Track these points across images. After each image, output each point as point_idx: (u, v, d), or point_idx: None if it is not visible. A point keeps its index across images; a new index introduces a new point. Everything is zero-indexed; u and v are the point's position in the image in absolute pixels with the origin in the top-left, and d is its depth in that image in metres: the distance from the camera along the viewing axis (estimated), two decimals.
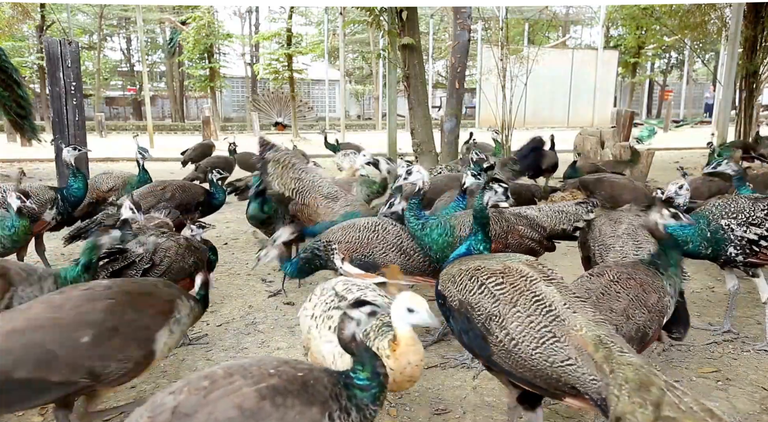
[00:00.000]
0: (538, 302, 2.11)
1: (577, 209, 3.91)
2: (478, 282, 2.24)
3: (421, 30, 10.44)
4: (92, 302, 2.30)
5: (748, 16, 12.49)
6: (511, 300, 2.13)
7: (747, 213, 3.68)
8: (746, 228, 3.62)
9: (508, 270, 2.24)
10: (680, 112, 29.73)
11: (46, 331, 2.16)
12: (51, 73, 7.93)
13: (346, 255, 3.50)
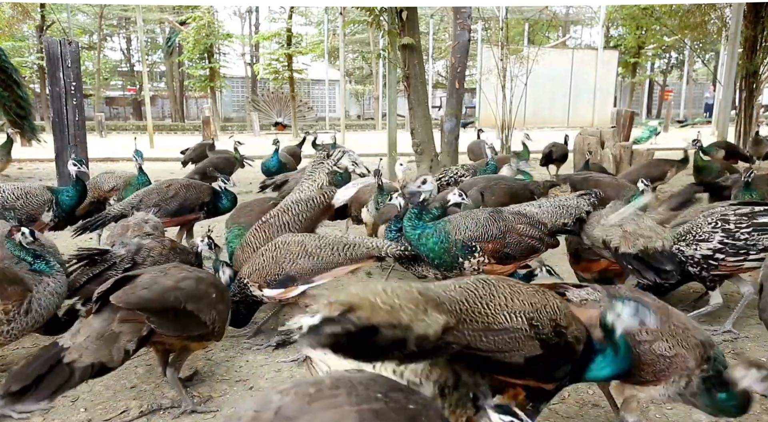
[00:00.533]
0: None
1: (579, 202, 3.91)
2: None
3: (421, 30, 10.44)
4: (203, 272, 3.10)
5: (748, 16, 12.49)
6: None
7: (694, 232, 3.68)
8: (696, 247, 3.64)
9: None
10: (680, 112, 29.73)
11: (197, 282, 2.85)
12: (51, 73, 7.93)
13: (259, 282, 3.52)
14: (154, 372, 3.39)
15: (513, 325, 1.98)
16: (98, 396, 3.12)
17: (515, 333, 1.98)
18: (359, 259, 3.53)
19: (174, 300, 2.67)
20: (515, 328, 1.98)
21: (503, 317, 1.98)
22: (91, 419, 2.92)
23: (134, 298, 2.57)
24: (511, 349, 1.97)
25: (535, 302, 2.07)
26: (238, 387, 3.29)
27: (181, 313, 2.69)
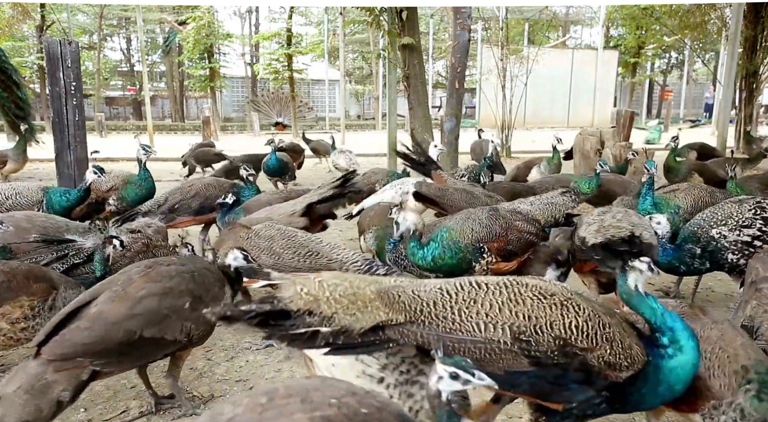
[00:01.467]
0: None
1: (564, 199, 4.08)
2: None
3: (421, 30, 10.44)
4: (181, 275, 2.68)
5: (748, 16, 12.49)
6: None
7: (735, 216, 3.71)
8: (739, 232, 3.66)
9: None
10: (680, 112, 29.72)
11: (160, 298, 2.55)
12: (51, 73, 7.92)
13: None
14: (153, 373, 3.39)
15: (487, 336, 1.89)
16: (98, 396, 3.12)
17: (488, 344, 1.89)
18: (318, 269, 3.41)
19: (124, 334, 2.42)
20: (489, 339, 1.89)
21: (474, 326, 1.90)
22: (91, 419, 2.92)
23: (69, 347, 2.33)
24: (481, 359, 1.88)
25: (540, 316, 1.92)
26: (238, 387, 3.29)
27: (136, 344, 2.46)
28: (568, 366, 1.91)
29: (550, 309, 1.94)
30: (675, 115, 28.90)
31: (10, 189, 4.72)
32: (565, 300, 1.98)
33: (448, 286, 2.00)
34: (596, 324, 1.95)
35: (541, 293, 1.99)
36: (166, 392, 3.15)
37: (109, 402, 3.06)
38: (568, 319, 1.93)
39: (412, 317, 1.90)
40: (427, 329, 1.90)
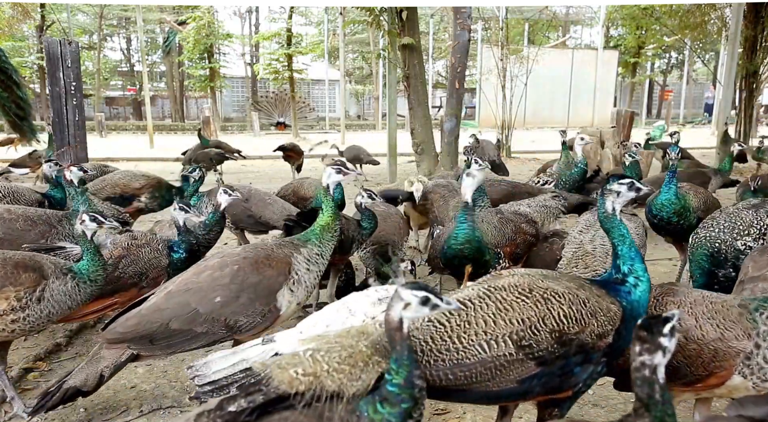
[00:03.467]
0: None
1: (555, 203, 4.34)
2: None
3: (421, 30, 10.44)
4: (221, 269, 2.76)
5: (748, 16, 12.48)
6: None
7: (756, 225, 3.58)
8: (762, 241, 3.53)
9: None
10: (680, 112, 29.73)
11: (190, 293, 2.69)
12: (51, 73, 7.94)
13: None
14: (154, 372, 3.39)
15: (493, 354, 1.86)
16: (98, 396, 3.12)
17: (496, 360, 1.85)
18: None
19: (152, 326, 2.63)
20: (495, 357, 1.86)
21: (478, 348, 1.87)
22: (91, 419, 2.92)
23: (113, 334, 2.67)
24: (494, 377, 1.87)
25: (531, 316, 1.91)
26: None
27: (165, 333, 2.65)
28: (568, 354, 1.92)
29: (536, 306, 1.93)
30: (675, 114, 28.90)
31: (5, 189, 4.70)
32: (544, 291, 1.97)
33: (438, 317, 1.92)
34: (579, 304, 1.96)
35: (521, 293, 1.97)
36: (166, 392, 3.15)
37: (109, 402, 3.06)
38: (555, 310, 1.93)
39: (419, 359, 1.82)
40: (434, 368, 1.85)
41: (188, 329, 2.65)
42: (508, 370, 1.87)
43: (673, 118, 27.36)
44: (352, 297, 2.34)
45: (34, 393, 3.13)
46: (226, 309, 2.69)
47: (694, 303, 2.22)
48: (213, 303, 2.67)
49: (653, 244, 6.29)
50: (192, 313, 2.66)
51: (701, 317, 2.16)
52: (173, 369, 3.42)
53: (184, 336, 2.67)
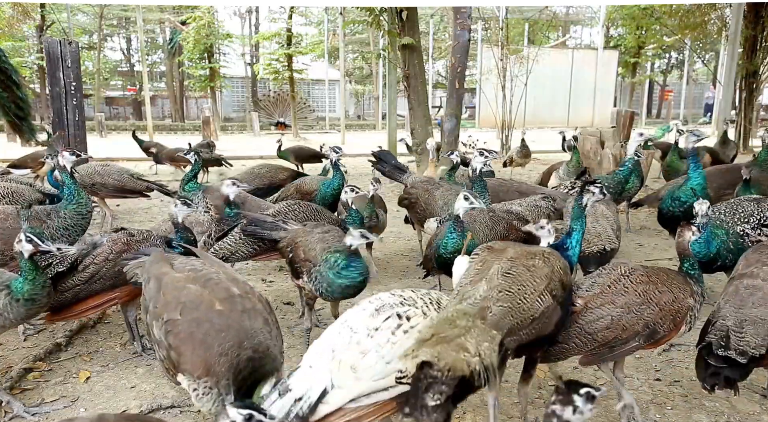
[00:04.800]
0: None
1: (545, 203, 4.53)
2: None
3: (421, 30, 10.44)
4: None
5: (748, 16, 12.49)
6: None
7: (756, 215, 3.72)
8: (759, 231, 3.67)
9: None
10: (680, 112, 29.73)
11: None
12: (51, 73, 7.95)
13: None
14: (154, 372, 3.39)
15: (546, 306, 2.31)
16: (98, 396, 3.12)
17: (548, 310, 2.32)
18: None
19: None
20: (547, 307, 2.32)
21: (538, 302, 2.30)
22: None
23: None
24: (548, 325, 2.34)
25: (548, 273, 2.40)
26: None
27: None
28: (565, 295, 2.48)
29: (546, 264, 2.45)
30: (675, 114, 28.89)
31: (5, 189, 4.71)
32: (542, 254, 2.53)
33: (501, 293, 2.26)
34: (560, 261, 2.57)
35: (531, 258, 2.47)
36: (166, 392, 3.15)
37: (109, 402, 3.06)
38: (555, 265, 2.49)
39: (513, 327, 2.21)
40: (523, 330, 2.26)
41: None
42: (553, 317, 2.37)
43: (673, 118, 27.32)
44: (349, 316, 2.30)
45: (34, 393, 3.13)
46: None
47: (656, 274, 2.71)
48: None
49: (653, 245, 6.29)
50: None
51: (664, 284, 2.65)
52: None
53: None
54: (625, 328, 2.53)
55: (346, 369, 2.09)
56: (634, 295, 2.58)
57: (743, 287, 2.80)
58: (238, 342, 2.24)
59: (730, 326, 2.57)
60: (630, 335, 2.54)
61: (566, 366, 3.44)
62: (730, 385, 2.49)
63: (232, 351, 2.21)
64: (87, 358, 3.55)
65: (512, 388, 3.09)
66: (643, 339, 2.56)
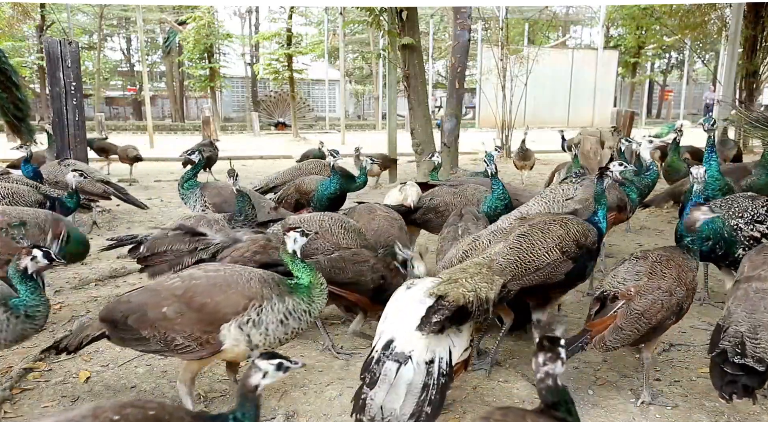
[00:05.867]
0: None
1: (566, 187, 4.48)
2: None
3: (421, 30, 10.44)
4: (184, 280, 2.69)
5: (748, 16, 12.48)
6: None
7: (750, 211, 3.71)
8: (752, 227, 3.66)
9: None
10: (680, 112, 29.72)
11: (151, 294, 2.68)
12: (51, 73, 7.94)
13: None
14: (154, 372, 3.39)
15: (552, 259, 3.01)
16: (98, 397, 3.12)
17: (554, 262, 3.01)
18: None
19: (117, 313, 2.68)
20: (553, 260, 3.01)
21: (545, 256, 3.00)
22: None
23: (101, 312, 2.80)
24: (555, 274, 3.03)
25: (562, 234, 3.08)
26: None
27: (123, 326, 2.66)
28: (583, 254, 3.15)
29: (561, 228, 3.12)
30: (675, 114, 28.89)
31: (5, 190, 4.69)
32: (561, 220, 3.20)
33: (513, 245, 3.03)
34: (580, 225, 3.23)
35: (549, 223, 3.15)
36: (166, 392, 3.15)
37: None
38: (572, 229, 3.15)
39: (515, 272, 2.93)
40: (525, 276, 2.97)
41: (136, 329, 2.61)
42: (560, 267, 3.04)
43: (673, 117, 27.32)
44: (402, 305, 2.64)
45: (34, 393, 3.13)
46: (167, 323, 2.57)
47: (675, 257, 3.05)
48: (160, 312, 2.59)
49: (653, 245, 6.29)
50: (142, 315, 2.61)
51: (686, 266, 3.01)
52: (173, 369, 3.41)
53: (133, 335, 2.64)
54: (668, 309, 2.83)
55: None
56: (671, 279, 2.89)
57: (753, 291, 2.77)
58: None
59: (744, 332, 2.53)
60: (670, 314, 2.86)
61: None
62: (748, 394, 2.43)
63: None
64: (87, 358, 3.55)
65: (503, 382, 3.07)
66: (675, 316, 2.90)
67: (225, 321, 2.56)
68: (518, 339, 3.92)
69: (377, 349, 2.43)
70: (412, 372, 2.31)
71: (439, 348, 2.40)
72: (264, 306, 2.62)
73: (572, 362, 3.52)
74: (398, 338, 2.40)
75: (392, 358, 2.34)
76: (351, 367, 3.49)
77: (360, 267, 3.49)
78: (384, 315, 2.65)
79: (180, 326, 2.56)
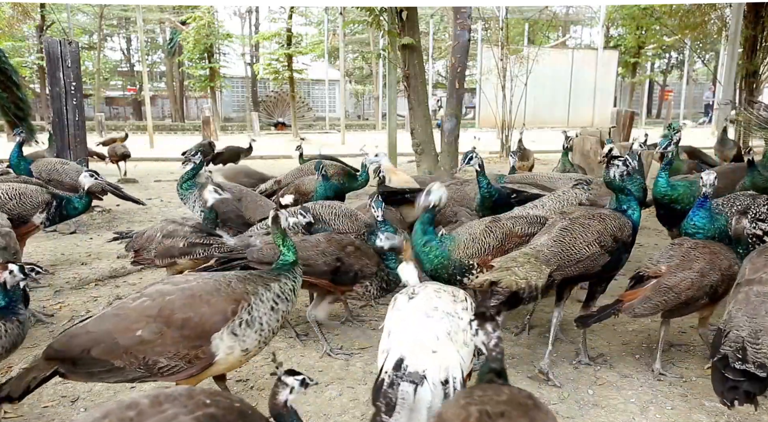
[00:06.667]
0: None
1: (580, 190, 4.44)
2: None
3: (421, 30, 10.43)
4: (155, 298, 2.48)
5: (748, 16, 12.47)
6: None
7: (752, 210, 3.71)
8: (755, 225, 3.66)
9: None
10: (680, 112, 29.73)
11: (117, 320, 2.43)
12: (51, 73, 7.93)
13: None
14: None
15: (591, 252, 3.24)
16: (98, 397, 3.12)
17: (593, 255, 3.24)
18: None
19: (75, 348, 2.41)
20: (592, 253, 3.24)
21: (585, 249, 3.23)
22: None
23: (49, 348, 2.48)
24: (594, 265, 3.26)
25: (600, 229, 3.30)
26: (239, 386, 3.29)
27: (86, 360, 2.41)
28: (619, 247, 3.36)
29: (600, 224, 3.34)
30: (675, 115, 28.89)
31: (13, 190, 4.68)
32: (599, 216, 3.40)
33: (557, 238, 3.26)
34: (617, 220, 3.42)
35: (589, 218, 3.37)
36: None
37: (110, 402, 3.06)
38: (609, 225, 3.36)
39: (559, 263, 3.18)
40: (568, 266, 3.21)
41: (106, 360, 2.38)
42: (599, 260, 3.26)
43: (673, 118, 27.31)
44: (407, 317, 2.43)
45: (34, 393, 3.13)
46: (145, 346, 2.38)
47: (713, 246, 3.36)
48: (134, 337, 2.38)
49: (653, 244, 6.30)
50: (111, 344, 2.38)
51: (722, 254, 3.30)
52: None
53: (103, 367, 2.40)
54: (699, 288, 3.10)
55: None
56: (704, 262, 3.17)
57: (754, 294, 2.73)
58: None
59: (745, 337, 2.50)
60: (701, 294, 3.12)
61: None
62: (750, 400, 2.41)
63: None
64: None
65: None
66: (708, 297, 3.16)
67: (215, 331, 2.44)
68: (517, 340, 3.92)
69: (386, 370, 2.20)
70: (430, 394, 2.12)
71: (451, 367, 2.22)
72: (253, 302, 2.55)
73: (572, 362, 3.52)
74: (408, 356, 2.20)
75: (407, 379, 2.14)
76: (350, 367, 3.50)
77: (308, 252, 3.46)
78: (386, 329, 2.46)
79: (161, 347, 2.39)
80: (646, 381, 3.30)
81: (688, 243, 3.37)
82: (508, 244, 3.57)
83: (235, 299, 2.52)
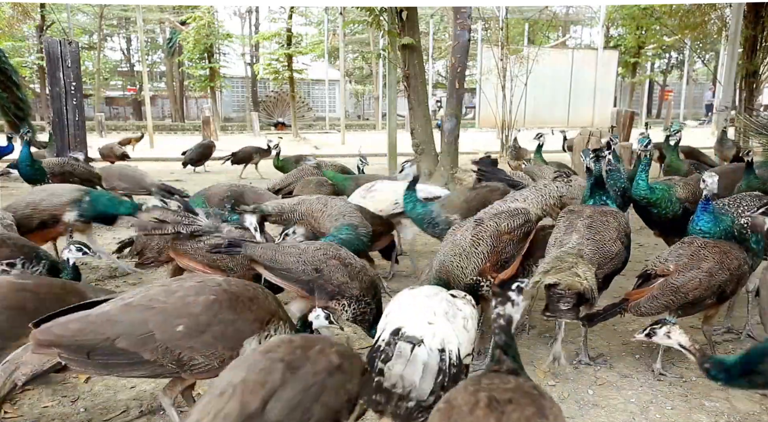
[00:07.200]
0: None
1: (557, 184, 4.36)
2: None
3: (421, 30, 10.43)
4: (197, 294, 2.46)
5: (748, 16, 12.47)
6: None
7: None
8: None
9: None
10: (680, 112, 29.74)
11: (153, 312, 2.37)
12: (51, 73, 7.94)
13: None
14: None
15: (618, 250, 3.33)
16: (98, 396, 3.12)
17: (619, 252, 3.34)
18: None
19: (97, 336, 2.30)
20: (619, 251, 3.33)
21: (613, 246, 3.31)
22: (91, 419, 2.92)
23: (46, 334, 2.31)
24: (619, 262, 3.37)
25: (617, 225, 3.42)
26: None
27: (107, 350, 2.31)
28: (628, 244, 3.50)
29: (613, 222, 3.43)
30: (675, 115, 28.90)
31: (42, 190, 4.85)
32: (611, 212, 3.53)
33: (593, 241, 3.30)
34: (622, 217, 3.60)
35: (603, 215, 3.46)
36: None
37: (109, 402, 3.06)
38: (620, 221, 3.49)
39: (599, 262, 3.23)
40: (605, 266, 3.28)
41: (134, 352, 2.31)
42: (621, 256, 3.38)
43: (674, 118, 27.32)
44: (406, 301, 2.55)
45: (34, 393, 3.13)
46: (185, 342, 2.36)
47: (723, 245, 3.34)
48: (173, 331, 2.35)
49: (653, 244, 6.30)
50: (146, 336, 2.32)
51: (732, 254, 3.28)
52: None
53: (128, 359, 2.32)
54: (707, 288, 3.11)
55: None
56: (713, 262, 3.16)
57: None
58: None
59: None
60: (709, 294, 3.13)
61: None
62: None
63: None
64: None
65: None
66: (716, 297, 3.17)
67: (250, 336, 2.49)
68: (517, 340, 3.92)
69: (384, 338, 2.25)
70: (427, 355, 2.18)
71: (447, 339, 2.26)
72: (277, 324, 2.62)
73: (572, 362, 3.52)
74: (406, 325, 2.26)
75: (404, 340, 2.20)
76: None
77: (289, 258, 3.33)
78: (385, 312, 2.54)
79: (201, 345, 2.37)
80: (646, 381, 3.30)
81: (698, 242, 3.34)
82: (500, 245, 3.38)
83: (270, 312, 2.62)
